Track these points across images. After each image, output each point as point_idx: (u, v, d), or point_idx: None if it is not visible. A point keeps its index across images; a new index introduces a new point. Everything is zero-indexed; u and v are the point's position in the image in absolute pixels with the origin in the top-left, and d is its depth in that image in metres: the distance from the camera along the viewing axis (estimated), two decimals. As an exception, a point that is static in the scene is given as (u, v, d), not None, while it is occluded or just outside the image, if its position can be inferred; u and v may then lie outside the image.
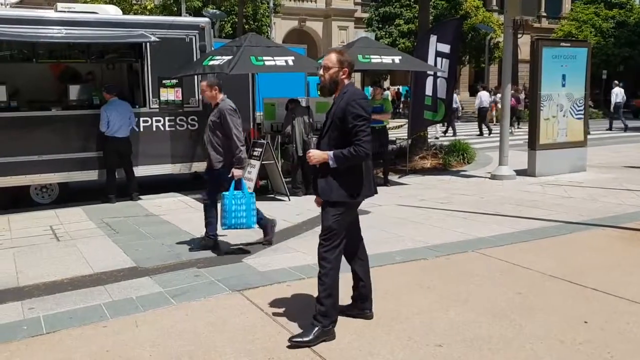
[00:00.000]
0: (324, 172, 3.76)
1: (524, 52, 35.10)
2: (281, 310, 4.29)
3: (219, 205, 5.86)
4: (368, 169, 3.83)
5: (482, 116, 21.27)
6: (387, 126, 10.43)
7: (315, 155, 3.75)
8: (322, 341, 3.68)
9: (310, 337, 3.66)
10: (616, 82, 22.88)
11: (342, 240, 3.79)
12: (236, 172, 5.70)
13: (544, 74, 10.58)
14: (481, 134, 20.83)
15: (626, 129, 21.74)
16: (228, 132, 5.72)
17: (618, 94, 22.08)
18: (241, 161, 5.74)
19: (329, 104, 11.00)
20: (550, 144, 10.80)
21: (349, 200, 3.76)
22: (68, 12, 8.93)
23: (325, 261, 3.75)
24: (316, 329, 3.69)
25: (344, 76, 3.79)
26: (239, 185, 5.73)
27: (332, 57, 3.79)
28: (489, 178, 10.55)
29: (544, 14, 45.36)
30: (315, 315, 3.73)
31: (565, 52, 10.91)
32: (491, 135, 19.85)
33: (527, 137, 11.17)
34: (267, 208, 8.04)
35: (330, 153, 3.69)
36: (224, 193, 5.69)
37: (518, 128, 21.81)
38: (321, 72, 3.82)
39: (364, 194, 3.80)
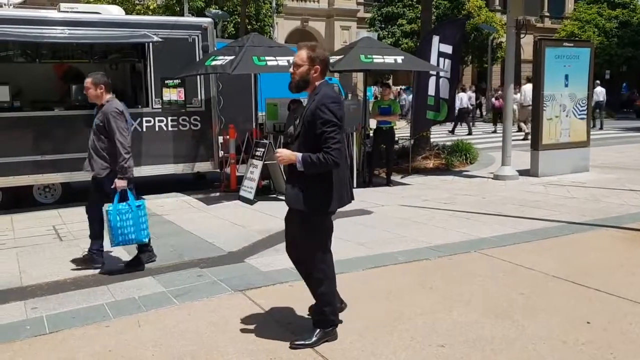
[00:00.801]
0: (293, 178, 3.57)
1: (527, 52, 34.93)
2: (283, 310, 4.29)
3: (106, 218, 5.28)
4: (340, 178, 3.59)
5: (461, 116, 21.54)
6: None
7: (284, 155, 3.52)
8: (325, 341, 3.68)
9: (312, 340, 3.65)
10: (597, 82, 23.17)
11: (326, 249, 3.68)
12: (119, 183, 5.13)
13: (546, 74, 10.56)
14: (470, 133, 21.15)
15: (601, 127, 22.47)
16: (112, 137, 5.14)
17: (599, 93, 22.56)
18: (125, 171, 5.13)
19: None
20: (553, 144, 10.78)
21: (317, 214, 3.57)
22: (71, 12, 8.94)
23: (317, 274, 3.66)
24: (317, 331, 3.68)
25: (315, 74, 3.55)
26: (124, 197, 5.20)
27: (302, 54, 3.54)
28: (492, 178, 10.54)
29: (547, 14, 45.25)
30: (316, 322, 3.72)
31: (568, 52, 10.89)
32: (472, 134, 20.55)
33: (519, 136, 11.14)
34: (270, 208, 8.07)
35: (299, 155, 3.45)
36: (107, 207, 5.18)
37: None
38: (291, 69, 3.58)
39: (333, 206, 3.58)
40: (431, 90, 11.21)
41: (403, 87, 33.40)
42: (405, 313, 4.20)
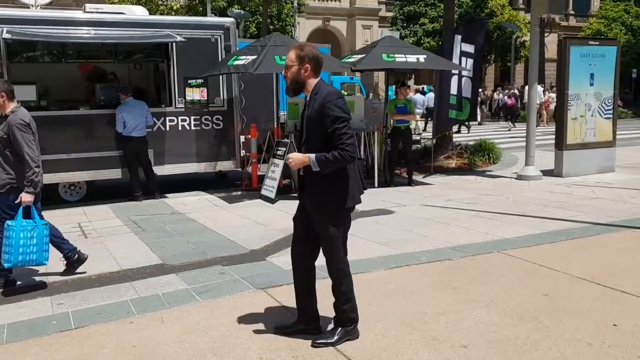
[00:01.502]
0: (308, 179, 3.56)
1: (551, 50, 34.52)
2: (305, 308, 4.29)
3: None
4: (355, 172, 3.58)
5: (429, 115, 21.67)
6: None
7: (296, 158, 3.49)
8: (347, 340, 3.68)
9: (334, 338, 3.66)
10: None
11: (344, 246, 3.69)
12: (25, 198, 4.71)
13: (571, 73, 10.42)
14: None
15: None
16: (19, 151, 4.73)
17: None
18: (35, 185, 4.75)
19: (353, 103, 10.98)
20: (577, 144, 10.63)
21: (335, 210, 3.56)
22: (96, 12, 9.09)
23: (336, 273, 3.67)
24: (339, 330, 3.69)
25: (306, 73, 3.50)
26: (28, 214, 4.80)
27: (291, 54, 3.51)
28: (515, 178, 10.43)
29: (572, 12, 44.59)
30: (337, 321, 3.73)
31: (593, 50, 10.73)
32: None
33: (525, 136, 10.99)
34: (291, 207, 8.06)
35: (312, 156, 3.43)
36: (9, 223, 4.71)
37: (514, 126, 23.16)
38: (283, 72, 3.60)
39: (352, 201, 3.57)
40: (453, 90, 11.15)
41: (424, 86, 33.24)
42: (427, 313, 4.18)
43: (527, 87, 20.41)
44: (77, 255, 5.31)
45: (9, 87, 4.92)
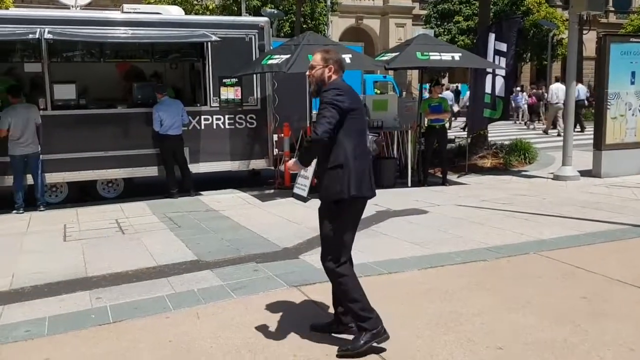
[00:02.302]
0: (317, 175, 3.72)
1: (589, 48, 33.79)
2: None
3: None
4: (357, 168, 3.54)
5: None
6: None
7: (289, 164, 3.79)
8: (375, 343, 3.52)
9: (360, 343, 3.51)
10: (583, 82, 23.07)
11: (346, 246, 3.62)
12: None
13: (611, 72, 10.17)
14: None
15: (582, 130, 20.09)
16: None
17: (579, 91, 21.70)
18: None
19: (386, 102, 10.98)
20: (617, 143, 10.38)
21: (332, 199, 3.55)
22: (133, 13, 9.25)
23: (337, 274, 3.58)
24: (364, 334, 3.53)
25: (329, 73, 3.66)
26: None
27: (317, 57, 3.71)
28: (552, 179, 10.23)
29: (612, 9, 43.54)
30: (358, 326, 3.58)
31: (635, 48, 10.44)
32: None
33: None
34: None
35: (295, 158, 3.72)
36: None
37: (532, 125, 23.04)
38: (307, 73, 3.75)
39: (346, 192, 3.50)
40: (488, 88, 11.02)
41: (458, 84, 32.86)
42: (462, 314, 4.14)
43: (551, 87, 20.25)
44: None
45: None
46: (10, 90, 8.29)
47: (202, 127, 9.43)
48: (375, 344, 3.53)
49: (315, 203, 3.70)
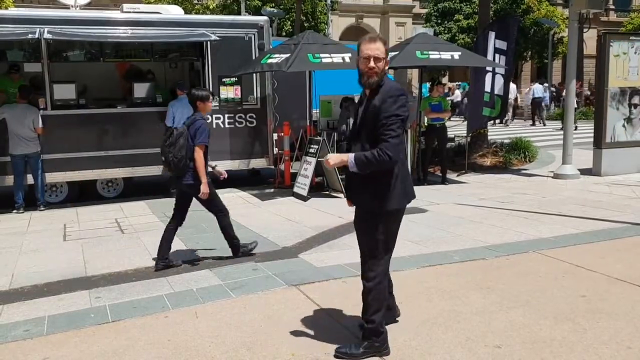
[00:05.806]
0: (351, 177, 3.40)
1: (590, 46, 33.74)
2: (337, 306, 4.30)
3: None
4: (403, 173, 3.37)
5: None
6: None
7: (332, 158, 3.37)
8: (373, 356, 3.46)
9: (360, 351, 3.44)
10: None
11: (387, 253, 3.46)
12: None
13: (611, 70, 10.16)
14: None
15: (544, 124, 22.38)
16: None
17: (537, 90, 22.86)
18: None
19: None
20: (617, 142, 10.36)
21: (376, 211, 3.34)
22: (133, 12, 9.25)
23: (371, 277, 3.44)
24: (365, 343, 3.48)
25: (386, 67, 3.33)
26: None
27: (381, 47, 3.27)
28: (552, 177, 10.23)
29: (612, 7, 43.46)
30: (364, 332, 3.50)
31: (635, 46, 10.42)
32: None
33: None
34: (323, 205, 8.10)
35: (351, 156, 3.25)
36: None
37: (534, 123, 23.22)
38: (372, 63, 3.24)
39: (394, 204, 3.34)
40: (487, 87, 11.01)
41: (458, 83, 32.83)
42: (461, 312, 4.14)
43: (534, 87, 21.00)
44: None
45: None
46: (20, 88, 8.38)
47: (202, 126, 9.42)
48: (373, 356, 3.46)
49: (315, 202, 3.69)
